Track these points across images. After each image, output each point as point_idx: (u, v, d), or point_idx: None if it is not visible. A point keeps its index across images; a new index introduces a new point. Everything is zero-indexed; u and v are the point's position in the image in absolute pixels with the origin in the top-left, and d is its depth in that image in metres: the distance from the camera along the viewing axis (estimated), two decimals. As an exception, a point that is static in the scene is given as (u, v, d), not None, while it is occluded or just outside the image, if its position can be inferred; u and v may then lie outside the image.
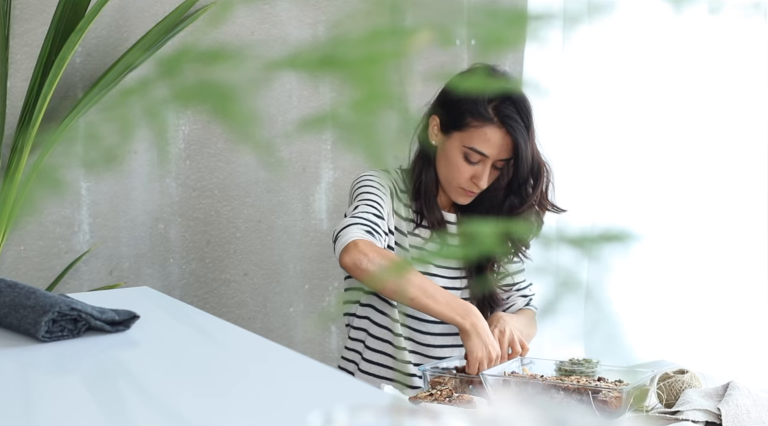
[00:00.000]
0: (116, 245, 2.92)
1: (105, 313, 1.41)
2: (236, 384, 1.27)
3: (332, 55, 0.52)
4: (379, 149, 0.51)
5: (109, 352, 1.39)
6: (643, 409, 2.15)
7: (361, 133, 0.50)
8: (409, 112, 0.55)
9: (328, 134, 3.22)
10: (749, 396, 2.12)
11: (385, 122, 0.52)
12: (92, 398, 1.23)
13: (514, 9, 0.52)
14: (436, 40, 0.54)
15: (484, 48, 0.51)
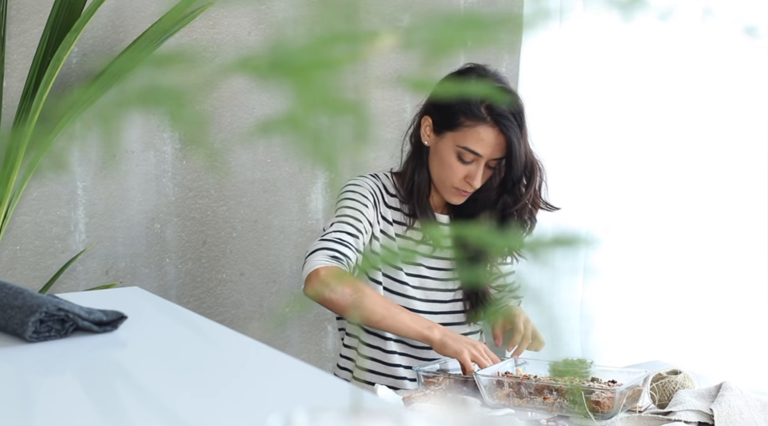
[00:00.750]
0: (112, 245, 2.92)
1: (92, 314, 1.41)
2: (224, 384, 1.27)
3: (282, 59, 0.52)
4: (331, 155, 0.51)
5: (96, 352, 1.39)
6: (636, 410, 2.16)
7: (311, 138, 0.50)
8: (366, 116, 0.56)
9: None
10: (742, 397, 2.13)
11: (340, 128, 0.52)
12: (79, 398, 1.23)
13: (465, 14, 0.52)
14: (400, 44, 0.55)
15: (428, 54, 0.52)
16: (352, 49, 0.55)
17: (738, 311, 3.10)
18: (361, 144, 0.52)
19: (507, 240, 0.65)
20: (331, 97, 0.50)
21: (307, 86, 0.51)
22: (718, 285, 3.13)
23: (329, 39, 0.53)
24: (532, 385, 2.14)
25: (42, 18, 2.73)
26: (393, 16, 0.54)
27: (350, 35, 0.55)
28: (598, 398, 2.08)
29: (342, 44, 0.54)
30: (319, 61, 0.52)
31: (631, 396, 2.13)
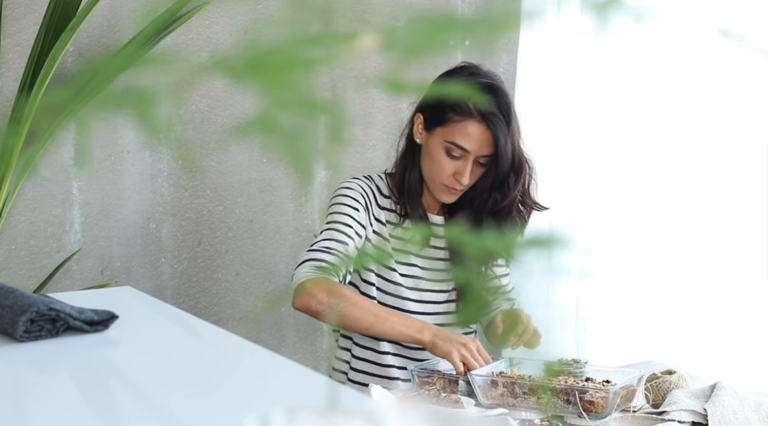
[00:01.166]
0: (107, 245, 2.93)
1: (84, 313, 1.41)
2: (215, 384, 1.27)
3: (256, 60, 0.52)
4: (305, 156, 0.51)
5: (87, 351, 1.39)
6: (631, 410, 2.16)
7: (286, 140, 0.50)
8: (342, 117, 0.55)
9: (319, 134, 3.22)
10: (736, 396, 2.12)
11: (316, 129, 0.52)
12: (70, 398, 1.23)
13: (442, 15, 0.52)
14: (380, 45, 0.55)
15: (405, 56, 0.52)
16: (328, 50, 0.55)
17: (732, 311, 3.10)
18: (336, 145, 0.52)
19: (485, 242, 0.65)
20: (305, 97, 0.50)
21: (281, 87, 0.51)
22: (713, 285, 3.13)
23: (305, 40, 0.53)
24: (527, 385, 2.14)
25: (37, 17, 2.73)
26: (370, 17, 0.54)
27: (327, 36, 0.55)
28: (592, 398, 2.08)
29: (318, 45, 0.54)
30: (293, 61, 0.52)
31: (625, 396, 2.13)
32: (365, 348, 2.55)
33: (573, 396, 2.09)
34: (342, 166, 3.27)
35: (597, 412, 2.08)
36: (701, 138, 3.15)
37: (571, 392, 2.09)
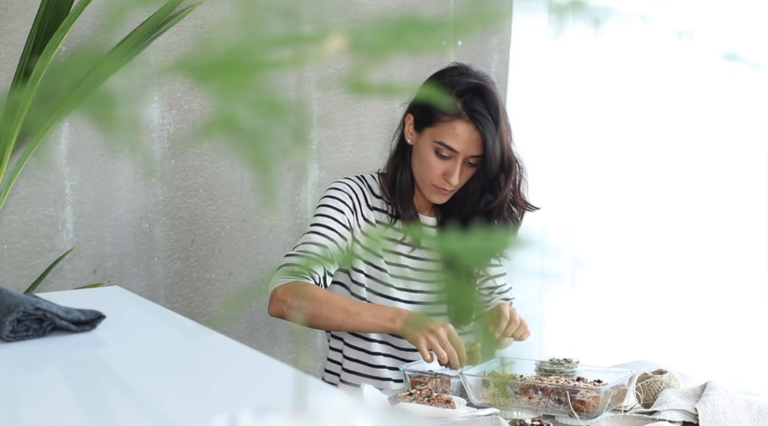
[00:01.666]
0: (100, 244, 2.92)
1: (71, 313, 1.41)
2: (202, 383, 1.27)
3: (218, 61, 0.52)
4: (267, 158, 0.51)
5: (74, 351, 1.39)
6: (622, 409, 2.16)
7: (248, 141, 0.50)
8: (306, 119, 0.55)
9: (314, 133, 3.22)
10: (726, 396, 2.13)
11: (279, 130, 0.52)
12: (56, 397, 1.23)
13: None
14: (348, 46, 0.55)
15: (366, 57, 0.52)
16: (293, 52, 0.55)
17: (724, 311, 3.10)
18: (300, 146, 0.52)
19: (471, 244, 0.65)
20: (267, 99, 0.50)
21: (240, 88, 0.51)
22: (705, 285, 3.14)
23: (268, 41, 0.53)
24: (518, 385, 2.14)
25: (30, 17, 2.73)
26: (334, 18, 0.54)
27: (290, 38, 0.55)
28: (583, 398, 2.08)
29: (282, 46, 0.54)
30: (254, 63, 0.52)
31: (616, 395, 2.13)
32: (356, 348, 2.54)
33: (564, 396, 2.09)
34: (335, 165, 3.27)
35: (588, 411, 2.08)
36: (691, 136, 3.16)
37: (562, 392, 2.09)
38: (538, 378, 2.21)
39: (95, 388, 1.28)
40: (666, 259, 3.18)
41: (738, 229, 3.10)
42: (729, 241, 3.12)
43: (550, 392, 2.11)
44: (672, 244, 3.18)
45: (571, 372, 2.28)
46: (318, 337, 3.31)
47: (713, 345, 3.09)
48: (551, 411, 2.12)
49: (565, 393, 2.09)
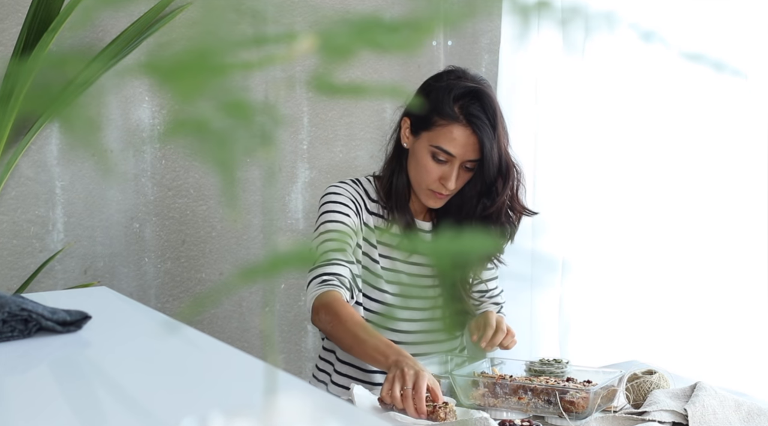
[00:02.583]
0: (91, 244, 2.92)
1: (56, 314, 1.41)
2: (187, 383, 1.27)
3: (185, 62, 0.52)
4: (230, 158, 0.51)
5: (59, 352, 1.39)
6: (611, 410, 2.16)
7: (210, 142, 0.50)
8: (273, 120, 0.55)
9: (305, 134, 3.22)
10: (716, 397, 2.13)
11: (241, 131, 0.52)
12: (41, 398, 1.23)
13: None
14: (318, 47, 0.54)
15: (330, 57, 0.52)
16: (258, 53, 0.55)
17: (714, 312, 3.10)
18: (265, 147, 0.52)
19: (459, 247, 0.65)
20: (230, 100, 0.50)
21: (203, 89, 0.50)
22: (696, 286, 3.14)
23: (232, 42, 0.53)
24: (507, 385, 2.14)
25: (20, 17, 2.73)
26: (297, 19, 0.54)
27: (255, 38, 0.55)
28: (573, 398, 2.08)
29: (246, 47, 0.54)
30: (217, 64, 0.52)
31: (606, 396, 2.14)
32: None
33: (554, 396, 2.09)
34: (325, 165, 3.27)
35: (578, 412, 2.08)
36: (679, 134, 3.16)
37: (552, 392, 2.10)
38: (527, 378, 2.21)
39: (81, 389, 1.28)
40: (657, 259, 3.19)
41: (727, 230, 3.11)
42: (718, 242, 3.13)
43: (539, 393, 2.12)
44: (662, 245, 3.18)
45: (560, 372, 2.28)
46: (308, 338, 3.31)
47: (703, 345, 3.09)
48: (541, 411, 2.12)
49: (554, 393, 2.09)
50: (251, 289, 3.18)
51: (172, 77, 0.50)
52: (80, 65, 1.51)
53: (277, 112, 0.52)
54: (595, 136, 3.20)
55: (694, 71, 3.02)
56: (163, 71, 0.50)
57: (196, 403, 1.17)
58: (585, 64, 3.17)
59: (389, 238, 2.52)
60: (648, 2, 3.06)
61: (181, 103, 0.50)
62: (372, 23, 0.53)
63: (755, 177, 3.08)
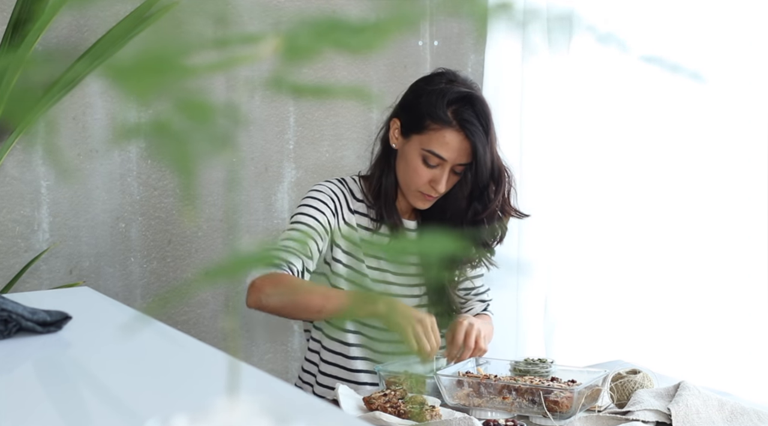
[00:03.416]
0: (76, 244, 2.91)
1: (36, 314, 1.41)
2: (167, 383, 1.27)
3: (145, 64, 0.52)
4: (187, 160, 0.51)
5: (39, 352, 1.39)
6: (596, 409, 2.16)
7: (170, 143, 0.50)
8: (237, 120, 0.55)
9: (291, 133, 3.22)
10: (699, 396, 2.14)
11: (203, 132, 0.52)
12: (22, 398, 1.23)
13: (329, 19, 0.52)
14: (283, 49, 0.54)
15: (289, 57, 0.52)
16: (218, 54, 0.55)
17: (698, 312, 3.12)
18: (226, 148, 0.52)
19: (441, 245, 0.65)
20: (191, 101, 0.50)
21: (158, 90, 0.50)
22: (680, 287, 3.15)
23: (193, 44, 0.53)
24: (492, 385, 2.15)
25: (5, 16, 2.72)
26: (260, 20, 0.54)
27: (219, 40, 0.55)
28: (557, 398, 2.09)
29: (207, 49, 0.54)
30: (174, 65, 0.52)
31: (590, 396, 2.14)
32: (335, 352, 2.54)
33: (538, 396, 2.10)
34: (312, 165, 3.27)
35: (562, 411, 2.09)
36: (662, 137, 3.17)
37: (536, 392, 2.10)
38: (512, 378, 2.22)
39: (61, 389, 1.28)
40: (642, 260, 3.19)
41: (709, 231, 3.12)
42: (701, 242, 3.14)
43: (524, 392, 2.12)
44: (647, 246, 3.19)
45: (545, 372, 2.28)
46: (295, 338, 3.31)
47: (687, 345, 3.10)
48: (525, 411, 2.12)
49: (539, 393, 2.10)
50: (237, 288, 3.17)
51: (125, 78, 0.50)
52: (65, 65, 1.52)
53: (239, 113, 0.52)
54: (581, 136, 3.21)
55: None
56: (116, 72, 0.50)
57: (177, 403, 1.17)
58: (571, 65, 3.18)
59: (377, 249, 2.52)
60: (615, 5, 3.07)
61: (133, 104, 0.50)
62: (335, 24, 0.53)
63: (734, 178, 3.10)
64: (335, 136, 3.31)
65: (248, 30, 0.54)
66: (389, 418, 2.04)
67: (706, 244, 3.13)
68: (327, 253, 2.48)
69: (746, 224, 3.09)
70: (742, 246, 3.10)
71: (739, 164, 3.11)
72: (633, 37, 3.05)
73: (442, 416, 2.07)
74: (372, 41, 0.53)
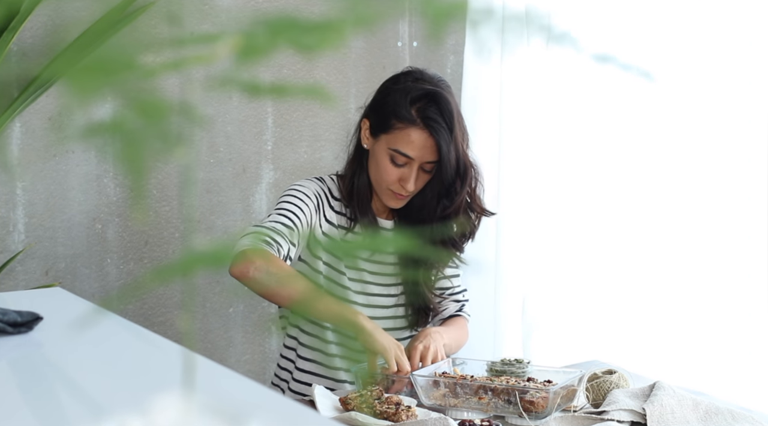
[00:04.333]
0: (52, 245, 2.90)
1: (7, 315, 1.40)
2: (139, 384, 1.27)
3: (101, 64, 0.52)
4: (140, 159, 0.50)
5: (11, 353, 1.38)
6: (571, 409, 2.17)
7: (122, 142, 0.50)
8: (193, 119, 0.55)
9: (269, 134, 3.22)
10: (674, 396, 2.14)
11: (155, 131, 0.52)
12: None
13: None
14: (240, 48, 0.54)
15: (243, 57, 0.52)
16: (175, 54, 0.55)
17: (673, 312, 3.13)
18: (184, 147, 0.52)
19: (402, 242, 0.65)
20: (143, 100, 0.50)
21: (103, 88, 0.50)
22: (655, 287, 3.16)
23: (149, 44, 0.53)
24: (468, 386, 2.15)
25: (-20, 16, 2.71)
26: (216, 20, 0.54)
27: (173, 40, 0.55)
28: (533, 398, 2.09)
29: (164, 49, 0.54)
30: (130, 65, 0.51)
31: (566, 396, 2.15)
32: (313, 349, 2.54)
33: (514, 396, 2.10)
34: (290, 166, 3.26)
35: (537, 412, 2.09)
36: (641, 138, 3.17)
37: (512, 392, 2.10)
38: (488, 378, 2.22)
39: (32, 390, 1.27)
40: (618, 261, 3.20)
41: (684, 232, 3.13)
42: (676, 243, 3.15)
43: (500, 393, 2.12)
44: (623, 247, 3.20)
45: (521, 372, 2.29)
46: (272, 339, 3.30)
47: (663, 345, 3.11)
48: (501, 411, 2.12)
49: (514, 393, 2.10)
50: (215, 289, 3.17)
51: (73, 78, 0.50)
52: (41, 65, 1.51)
53: (195, 112, 0.52)
54: (559, 136, 3.21)
55: (658, 73, 3.04)
56: (66, 71, 0.50)
57: (150, 403, 1.17)
58: (551, 65, 3.18)
59: (352, 237, 2.52)
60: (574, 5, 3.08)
61: (78, 103, 0.50)
62: (290, 23, 0.53)
63: (714, 179, 3.11)
64: (313, 137, 3.31)
65: (205, 29, 0.54)
66: (365, 418, 2.04)
67: (679, 245, 3.14)
68: (307, 257, 2.49)
69: (723, 224, 3.11)
70: (716, 247, 3.12)
71: (717, 163, 3.12)
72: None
73: (418, 416, 2.07)
74: (325, 40, 0.53)
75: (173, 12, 0.53)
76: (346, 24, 0.52)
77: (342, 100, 3.35)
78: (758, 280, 3.07)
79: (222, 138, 3.12)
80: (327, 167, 3.25)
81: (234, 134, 3.15)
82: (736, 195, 3.09)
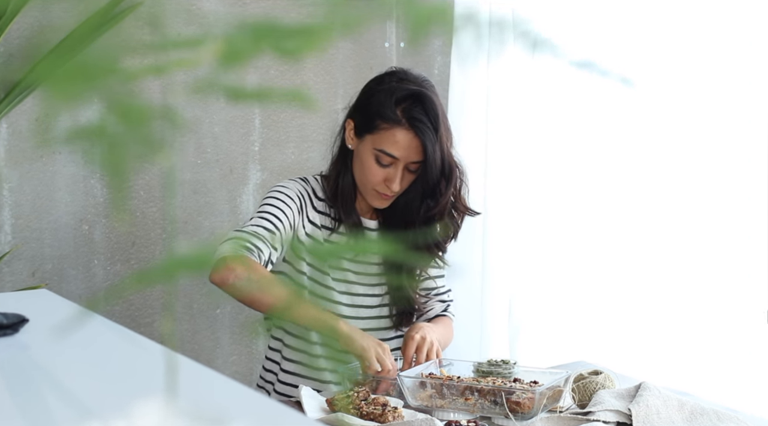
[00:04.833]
0: (39, 246, 2.90)
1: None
2: (127, 387, 1.27)
3: (83, 68, 0.52)
4: (122, 163, 0.51)
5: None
6: (557, 410, 2.17)
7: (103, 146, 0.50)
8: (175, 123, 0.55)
9: (256, 135, 3.22)
10: (660, 396, 2.15)
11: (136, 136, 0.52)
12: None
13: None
14: (222, 53, 0.55)
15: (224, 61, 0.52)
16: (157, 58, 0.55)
17: (659, 313, 3.14)
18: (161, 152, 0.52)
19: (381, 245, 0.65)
20: (124, 104, 0.50)
21: (84, 92, 0.51)
22: (641, 287, 3.17)
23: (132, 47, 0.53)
24: (455, 386, 2.15)
25: (-34, 17, 2.70)
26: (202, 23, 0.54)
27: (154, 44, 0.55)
28: (519, 399, 2.10)
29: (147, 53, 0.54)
30: (110, 69, 0.52)
31: (552, 396, 2.15)
32: (298, 350, 2.54)
33: (500, 397, 2.11)
34: (277, 167, 3.27)
35: (523, 412, 2.10)
36: (627, 138, 3.18)
37: (498, 393, 2.11)
38: (474, 379, 2.22)
39: (18, 392, 1.27)
40: (604, 262, 3.21)
41: (669, 233, 3.14)
42: (661, 244, 3.16)
43: (486, 393, 2.13)
44: (609, 248, 3.21)
45: (508, 373, 2.29)
46: (259, 340, 3.30)
47: (649, 346, 3.12)
48: (487, 412, 2.13)
49: (500, 394, 2.11)
50: (202, 290, 3.17)
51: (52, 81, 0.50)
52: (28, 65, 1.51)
53: (177, 116, 0.52)
54: (546, 137, 3.22)
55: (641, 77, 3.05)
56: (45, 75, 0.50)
57: (137, 405, 1.17)
58: (538, 66, 3.19)
59: (336, 238, 2.52)
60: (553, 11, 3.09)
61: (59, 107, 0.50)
62: (272, 28, 0.53)
63: (700, 180, 3.12)
64: (301, 138, 3.31)
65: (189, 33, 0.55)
66: (352, 419, 2.04)
67: (664, 247, 3.15)
68: (291, 258, 2.49)
69: (711, 225, 3.12)
70: (702, 247, 3.13)
71: (704, 164, 3.13)
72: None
73: (404, 417, 2.07)
74: (307, 45, 0.54)
75: (156, 15, 0.53)
76: (329, 28, 0.52)
77: (329, 100, 3.35)
78: (743, 282, 3.08)
79: (209, 139, 3.12)
80: (314, 168, 3.25)
81: (221, 135, 3.15)
82: (726, 195, 3.10)
